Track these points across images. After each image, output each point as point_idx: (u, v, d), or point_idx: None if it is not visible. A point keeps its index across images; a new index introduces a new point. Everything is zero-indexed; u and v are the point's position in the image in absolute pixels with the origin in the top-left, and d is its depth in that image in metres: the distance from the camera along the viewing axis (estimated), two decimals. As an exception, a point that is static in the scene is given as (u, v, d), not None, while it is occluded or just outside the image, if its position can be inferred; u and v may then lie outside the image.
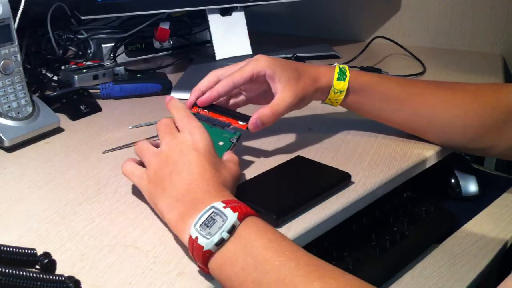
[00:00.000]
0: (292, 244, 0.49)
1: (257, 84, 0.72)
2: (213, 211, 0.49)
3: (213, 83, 0.70)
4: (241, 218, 0.49)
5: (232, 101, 0.74)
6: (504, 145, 0.72)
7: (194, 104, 0.70)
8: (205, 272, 0.50)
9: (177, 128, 0.61)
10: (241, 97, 0.75)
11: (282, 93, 0.69)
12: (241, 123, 0.68)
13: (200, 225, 0.49)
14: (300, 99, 0.70)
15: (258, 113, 0.68)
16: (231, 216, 0.48)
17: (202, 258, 0.48)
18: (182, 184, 0.54)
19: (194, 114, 0.69)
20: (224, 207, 0.49)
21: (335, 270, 0.46)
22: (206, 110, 0.70)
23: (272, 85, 0.70)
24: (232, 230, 0.48)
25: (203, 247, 0.48)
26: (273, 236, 0.49)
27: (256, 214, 0.51)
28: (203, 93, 0.70)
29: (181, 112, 0.63)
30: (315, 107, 0.81)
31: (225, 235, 0.48)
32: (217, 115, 0.69)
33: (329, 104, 0.75)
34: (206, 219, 0.49)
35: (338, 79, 0.72)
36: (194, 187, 0.54)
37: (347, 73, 0.72)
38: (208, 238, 0.48)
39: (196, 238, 0.48)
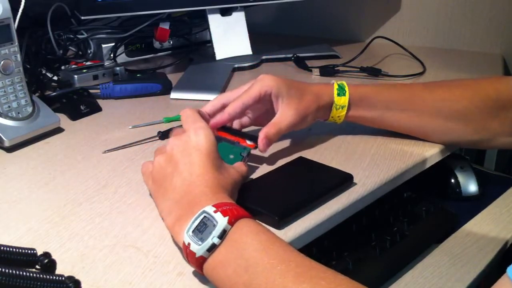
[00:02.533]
0: (284, 245, 0.48)
1: (261, 104, 0.72)
2: (204, 216, 0.49)
3: (217, 107, 0.71)
4: (232, 222, 0.48)
5: (236, 122, 0.74)
6: (507, 134, 0.73)
7: None
8: (200, 274, 0.50)
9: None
10: (245, 119, 0.75)
11: (285, 111, 0.69)
12: (249, 142, 0.69)
13: (193, 231, 0.49)
14: (302, 118, 0.71)
15: (264, 132, 0.68)
16: (221, 221, 0.48)
17: (196, 263, 0.48)
18: (181, 186, 0.54)
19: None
20: (215, 212, 0.49)
21: (326, 271, 0.46)
22: (213, 129, 0.70)
23: (275, 104, 0.70)
24: (223, 235, 0.48)
25: (195, 253, 0.48)
26: (265, 237, 0.48)
27: (249, 216, 0.50)
28: (208, 115, 0.70)
29: (187, 112, 0.63)
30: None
31: (216, 240, 0.48)
32: (225, 134, 0.70)
33: (332, 122, 0.75)
34: (198, 224, 0.49)
35: (339, 94, 0.72)
36: (192, 188, 0.54)
37: (346, 88, 0.73)
38: (199, 244, 0.48)
39: (189, 244, 0.48)
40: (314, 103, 0.72)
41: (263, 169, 0.69)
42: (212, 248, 0.48)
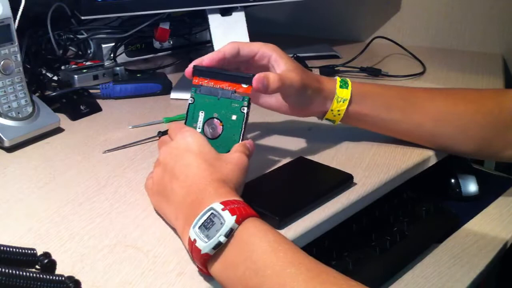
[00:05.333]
0: (292, 246, 0.48)
1: (257, 64, 0.69)
2: (212, 213, 0.49)
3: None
4: (239, 221, 0.48)
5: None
6: (509, 150, 0.72)
7: (195, 74, 0.66)
8: (204, 273, 0.50)
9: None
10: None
11: (288, 72, 0.66)
12: (244, 85, 0.64)
13: (199, 227, 0.49)
14: (304, 86, 0.67)
15: (266, 73, 0.64)
16: (229, 219, 0.48)
17: (201, 260, 0.48)
18: (181, 188, 0.54)
19: (198, 86, 0.66)
20: (223, 209, 0.49)
21: (336, 275, 0.45)
22: (207, 79, 0.66)
23: (277, 69, 0.67)
24: (230, 234, 0.48)
25: (200, 250, 0.48)
26: (272, 238, 0.48)
27: (256, 215, 0.50)
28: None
29: (172, 124, 0.63)
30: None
31: (222, 239, 0.47)
32: (220, 81, 0.65)
33: (330, 120, 0.73)
34: (205, 220, 0.49)
35: (341, 87, 0.71)
36: (193, 188, 0.53)
37: (349, 82, 0.72)
38: (206, 242, 0.48)
39: (195, 240, 0.48)
40: (315, 83, 0.69)
41: (263, 169, 0.69)
42: (218, 246, 0.48)
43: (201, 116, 0.65)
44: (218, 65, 0.67)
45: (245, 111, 0.64)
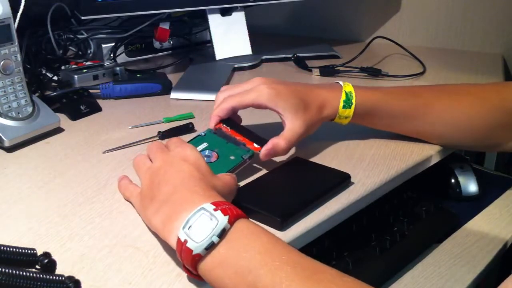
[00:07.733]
0: (286, 246, 0.48)
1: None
2: (203, 213, 0.48)
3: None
4: (231, 221, 0.48)
5: None
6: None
7: (222, 121, 0.70)
8: (192, 276, 0.49)
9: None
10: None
11: (293, 124, 0.68)
12: (256, 145, 0.68)
13: (189, 228, 0.48)
14: (310, 127, 0.70)
15: (272, 143, 0.67)
16: (222, 219, 0.47)
17: (191, 261, 0.47)
18: (168, 188, 0.53)
19: (217, 130, 0.70)
20: (215, 210, 0.48)
21: (332, 272, 0.45)
22: (228, 127, 0.70)
23: (279, 115, 0.70)
24: (222, 234, 0.47)
25: (192, 250, 0.47)
26: (266, 239, 0.48)
27: (246, 216, 0.50)
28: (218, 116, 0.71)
29: (172, 139, 0.63)
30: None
31: (215, 239, 0.47)
32: (236, 133, 0.69)
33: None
34: (195, 221, 0.48)
35: (344, 107, 0.71)
36: (180, 189, 0.53)
37: (353, 100, 0.71)
38: (197, 242, 0.47)
39: (185, 241, 0.47)
40: (318, 115, 0.71)
41: (260, 170, 0.69)
42: (211, 246, 0.47)
43: (203, 145, 0.67)
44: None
45: (245, 157, 0.66)
